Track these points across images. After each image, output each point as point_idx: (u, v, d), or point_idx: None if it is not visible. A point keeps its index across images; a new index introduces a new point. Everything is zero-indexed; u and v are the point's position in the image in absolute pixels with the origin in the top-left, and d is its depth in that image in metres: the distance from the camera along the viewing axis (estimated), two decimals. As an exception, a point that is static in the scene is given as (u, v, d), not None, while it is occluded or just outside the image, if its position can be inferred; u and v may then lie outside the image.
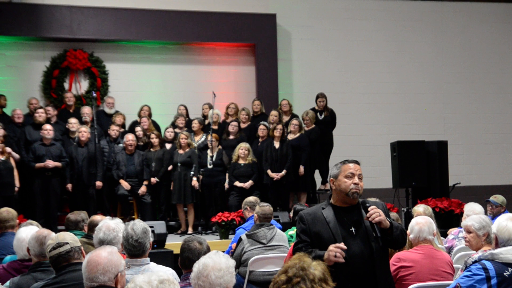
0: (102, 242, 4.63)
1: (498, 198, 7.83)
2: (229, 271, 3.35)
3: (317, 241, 4.16)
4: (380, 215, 4.05)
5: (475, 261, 4.07)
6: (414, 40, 14.67)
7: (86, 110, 11.45)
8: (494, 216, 7.40)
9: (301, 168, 10.95)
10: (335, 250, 3.92)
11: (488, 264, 3.97)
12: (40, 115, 10.69)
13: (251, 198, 8.09)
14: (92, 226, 5.52)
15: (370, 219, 4.06)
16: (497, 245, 4.09)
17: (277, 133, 10.85)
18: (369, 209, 4.09)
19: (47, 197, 10.17)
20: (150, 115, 11.99)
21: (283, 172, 10.71)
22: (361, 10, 14.44)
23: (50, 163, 10.06)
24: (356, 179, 4.17)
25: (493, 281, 3.91)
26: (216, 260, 3.36)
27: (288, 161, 10.76)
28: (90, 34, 12.85)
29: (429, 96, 14.63)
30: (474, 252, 4.97)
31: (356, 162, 4.27)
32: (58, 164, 10.15)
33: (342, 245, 3.94)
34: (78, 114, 11.55)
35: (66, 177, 10.41)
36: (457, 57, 14.85)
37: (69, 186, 10.38)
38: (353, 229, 4.16)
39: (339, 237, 4.10)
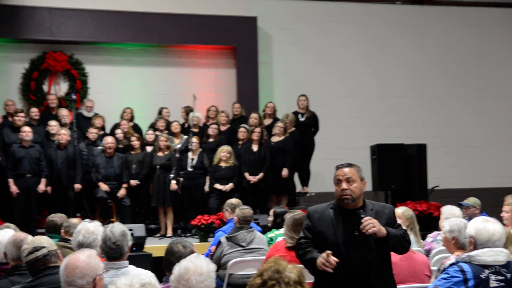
0: (81, 245, 4.61)
1: (469, 200, 7.83)
2: (210, 275, 3.32)
3: (321, 240, 4.16)
4: (374, 226, 3.98)
5: (453, 264, 4.09)
6: (395, 44, 14.74)
7: (64, 112, 11.40)
8: (470, 218, 7.43)
9: (285, 171, 10.88)
10: (326, 261, 3.92)
11: (466, 266, 3.99)
12: (20, 119, 10.60)
13: (233, 200, 8.08)
14: (69, 229, 5.48)
15: (363, 230, 3.99)
16: (475, 248, 4.09)
17: (255, 136, 10.81)
18: (362, 220, 4.01)
19: (27, 200, 10.08)
20: (132, 118, 11.93)
21: (260, 175, 10.69)
22: (342, 13, 14.49)
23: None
24: (343, 185, 4.11)
25: (470, 283, 3.92)
26: (197, 264, 3.31)
27: (266, 164, 10.75)
28: (69, 36, 12.76)
29: (410, 99, 14.69)
30: (450, 255, 4.99)
31: (347, 166, 4.19)
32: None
33: (334, 259, 3.92)
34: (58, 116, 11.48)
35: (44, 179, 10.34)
36: (437, 60, 14.94)
37: (49, 188, 10.29)
38: (357, 232, 4.08)
39: (342, 240, 4.09)
